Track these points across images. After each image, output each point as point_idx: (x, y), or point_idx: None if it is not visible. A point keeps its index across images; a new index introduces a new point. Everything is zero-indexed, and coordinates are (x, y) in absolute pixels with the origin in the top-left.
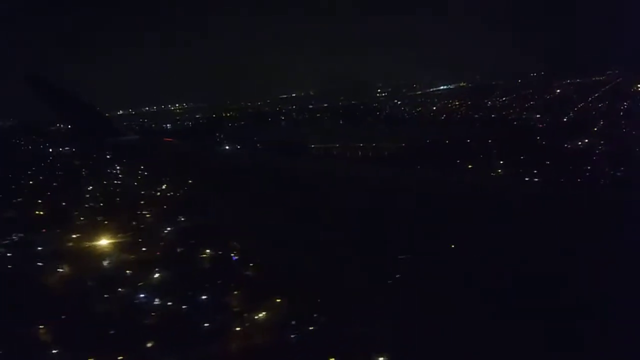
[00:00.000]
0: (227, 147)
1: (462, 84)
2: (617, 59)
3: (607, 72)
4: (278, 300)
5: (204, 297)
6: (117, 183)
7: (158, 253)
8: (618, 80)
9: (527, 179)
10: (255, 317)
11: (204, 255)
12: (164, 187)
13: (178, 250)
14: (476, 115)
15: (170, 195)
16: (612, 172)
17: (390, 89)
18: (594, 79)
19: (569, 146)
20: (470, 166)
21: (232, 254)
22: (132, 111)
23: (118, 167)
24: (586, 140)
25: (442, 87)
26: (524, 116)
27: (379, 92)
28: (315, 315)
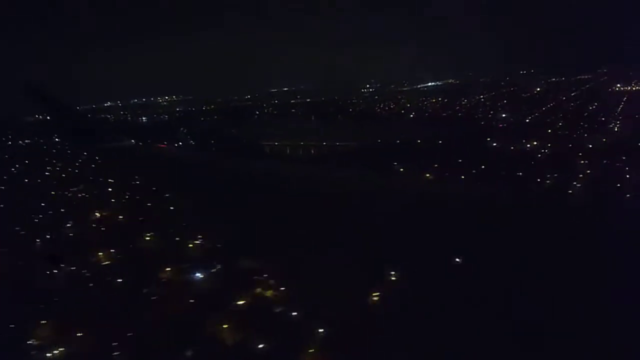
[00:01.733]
0: (180, 144)
1: (450, 81)
2: (609, 58)
3: (597, 71)
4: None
5: None
6: (26, 182)
7: None
8: (602, 79)
9: (450, 184)
10: None
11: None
12: (81, 186)
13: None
14: (444, 114)
15: (82, 196)
16: (539, 180)
17: (379, 85)
18: (579, 77)
19: (515, 148)
20: (402, 170)
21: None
22: (119, 103)
23: (50, 166)
24: (535, 143)
25: (429, 84)
26: (490, 116)
27: (366, 88)
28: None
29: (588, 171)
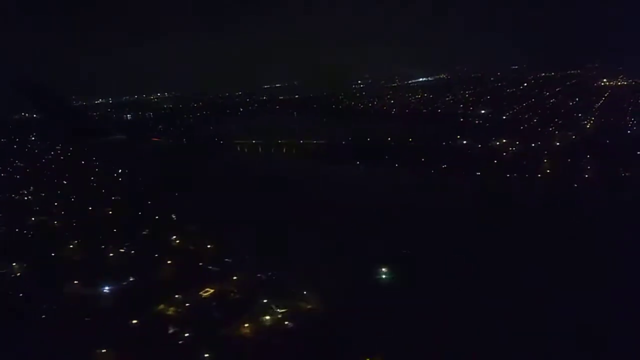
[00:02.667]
0: (155, 140)
1: (441, 76)
2: (600, 53)
3: (588, 66)
4: None
5: None
6: None
7: None
8: (590, 74)
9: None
10: None
11: None
12: (31, 188)
13: None
14: (424, 110)
15: (27, 199)
16: (496, 179)
17: (370, 81)
18: (569, 72)
19: (483, 146)
20: (360, 168)
21: None
22: (110, 100)
23: (11, 167)
24: (504, 141)
25: (420, 80)
26: (469, 112)
27: (357, 84)
28: None
29: (548, 170)
